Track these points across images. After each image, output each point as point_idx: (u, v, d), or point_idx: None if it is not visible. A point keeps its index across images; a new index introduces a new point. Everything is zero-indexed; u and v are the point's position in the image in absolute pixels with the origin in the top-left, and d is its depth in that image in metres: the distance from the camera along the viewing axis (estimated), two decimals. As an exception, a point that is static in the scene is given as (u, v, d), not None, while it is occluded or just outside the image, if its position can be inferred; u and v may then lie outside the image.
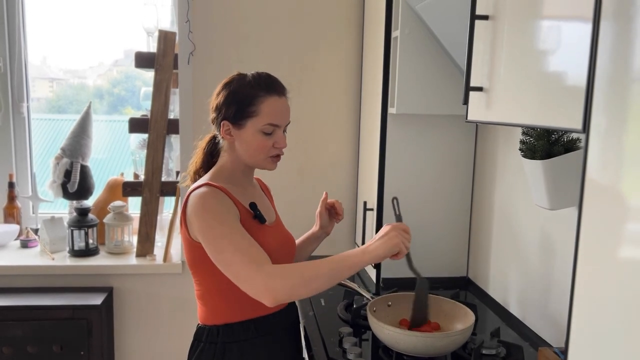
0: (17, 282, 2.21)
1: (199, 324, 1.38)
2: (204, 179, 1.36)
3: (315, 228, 1.58)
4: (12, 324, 2.05)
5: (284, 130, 1.37)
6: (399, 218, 1.47)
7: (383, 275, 1.96)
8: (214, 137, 1.43)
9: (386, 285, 1.94)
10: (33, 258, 2.26)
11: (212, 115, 1.37)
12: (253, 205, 1.34)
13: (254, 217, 1.34)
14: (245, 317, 1.34)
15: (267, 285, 1.15)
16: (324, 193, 1.59)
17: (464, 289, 2.01)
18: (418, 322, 1.50)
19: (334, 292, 1.87)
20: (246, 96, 1.31)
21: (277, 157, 1.37)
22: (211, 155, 1.45)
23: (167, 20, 2.42)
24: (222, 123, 1.34)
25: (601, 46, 0.74)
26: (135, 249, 2.32)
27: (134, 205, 2.51)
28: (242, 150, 1.35)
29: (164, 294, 2.32)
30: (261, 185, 1.57)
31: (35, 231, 2.42)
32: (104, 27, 2.77)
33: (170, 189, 2.31)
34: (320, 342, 1.55)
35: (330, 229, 1.59)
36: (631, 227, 0.67)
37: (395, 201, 1.50)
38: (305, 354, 1.57)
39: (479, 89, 1.17)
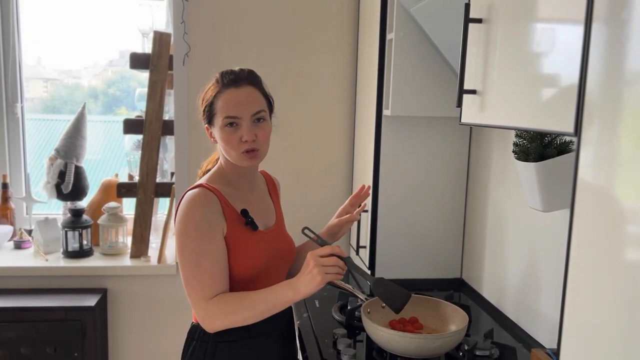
0: (11, 283, 2.20)
1: (192, 323, 1.39)
2: (202, 180, 1.37)
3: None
4: (5, 325, 2.04)
5: (260, 119, 1.31)
6: (320, 242, 1.38)
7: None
8: None
9: (380, 287, 1.94)
10: (27, 259, 2.25)
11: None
12: (245, 212, 1.34)
13: (246, 224, 1.34)
14: None
15: (204, 321, 1.28)
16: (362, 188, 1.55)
17: (458, 290, 2.02)
18: (398, 304, 1.34)
19: (328, 294, 1.87)
20: (210, 96, 1.34)
21: (253, 152, 1.31)
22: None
23: (162, 21, 2.41)
24: (205, 128, 1.38)
25: (593, 49, 0.74)
26: (129, 250, 2.32)
27: (128, 207, 2.50)
28: (221, 150, 1.36)
29: (158, 295, 2.31)
30: (268, 182, 1.54)
31: (29, 232, 2.41)
32: (98, 28, 2.77)
33: (164, 190, 2.31)
34: (315, 343, 1.55)
35: (339, 235, 1.54)
36: (622, 228, 0.68)
37: (307, 230, 1.40)
38: (299, 356, 1.57)
39: (473, 91, 1.18)
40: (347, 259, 1.25)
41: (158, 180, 2.32)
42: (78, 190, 2.38)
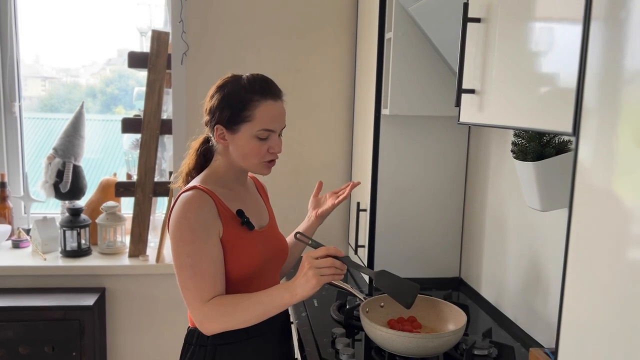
0: (9, 282, 2.20)
1: (189, 327, 1.38)
2: (195, 181, 1.35)
3: (308, 220, 1.60)
4: (3, 325, 2.04)
5: (280, 134, 1.36)
6: (314, 244, 1.36)
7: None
8: (208, 139, 1.41)
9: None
10: (25, 258, 2.25)
11: (206, 118, 1.35)
12: (240, 213, 1.33)
13: (242, 224, 1.33)
14: None
15: (202, 324, 1.27)
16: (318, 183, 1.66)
17: (456, 289, 2.02)
18: (408, 298, 1.34)
19: (327, 293, 1.87)
20: (240, 100, 1.29)
21: (272, 161, 1.35)
22: (204, 156, 1.42)
23: (160, 20, 2.41)
24: (215, 127, 1.32)
25: (591, 49, 0.74)
26: (127, 250, 2.31)
27: (126, 206, 2.50)
28: (235, 155, 1.33)
29: (156, 294, 2.31)
30: (256, 184, 1.55)
31: (27, 231, 2.41)
32: (97, 26, 2.76)
33: (163, 189, 2.31)
34: (313, 342, 1.55)
35: (326, 211, 1.60)
36: (621, 228, 0.68)
37: (299, 235, 1.42)
38: (298, 355, 1.57)
39: (471, 91, 1.18)
40: (344, 257, 1.25)
41: (156, 179, 2.32)
42: (76, 189, 2.38)
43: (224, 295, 1.27)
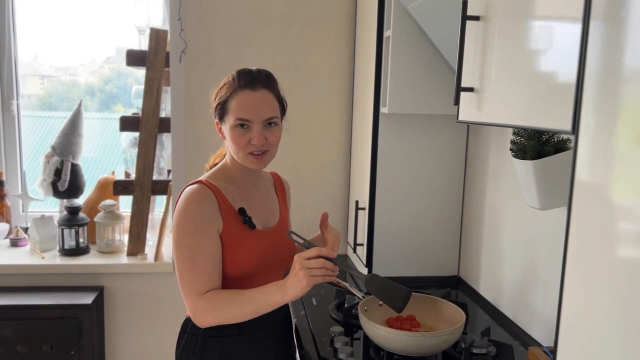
0: (7, 281, 2.20)
1: (186, 315, 1.39)
2: (204, 175, 1.38)
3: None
4: (1, 323, 2.04)
5: (272, 124, 1.32)
6: (307, 245, 1.33)
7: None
8: None
9: (378, 285, 1.94)
10: (23, 257, 2.24)
11: None
12: (242, 211, 1.33)
13: (244, 222, 1.33)
14: None
15: (195, 316, 1.29)
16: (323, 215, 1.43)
17: (455, 288, 2.02)
18: (399, 302, 1.31)
19: (325, 292, 1.87)
20: (224, 94, 1.33)
21: (261, 154, 1.32)
22: None
23: (158, 18, 2.41)
24: (215, 122, 1.36)
25: (591, 47, 0.74)
26: (126, 248, 2.31)
27: (125, 204, 2.50)
28: (229, 148, 1.36)
29: (155, 293, 2.31)
30: (276, 183, 1.54)
31: (25, 230, 2.40)
32: (95, 25, 2.76)
33: (161, 187, 2.30)
34: (312, 341, 1.55)
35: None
36: (620, 226, 0.67)
37: (292, 235, 1.35)
38: (297, 354, 1.57)
39: (470, 89, 1.17)
40: (337, 259, 1.24)
41: (155, 177, 2.31)
42: (74, 187, 2.37)
43: (219, 290, 1.28)
